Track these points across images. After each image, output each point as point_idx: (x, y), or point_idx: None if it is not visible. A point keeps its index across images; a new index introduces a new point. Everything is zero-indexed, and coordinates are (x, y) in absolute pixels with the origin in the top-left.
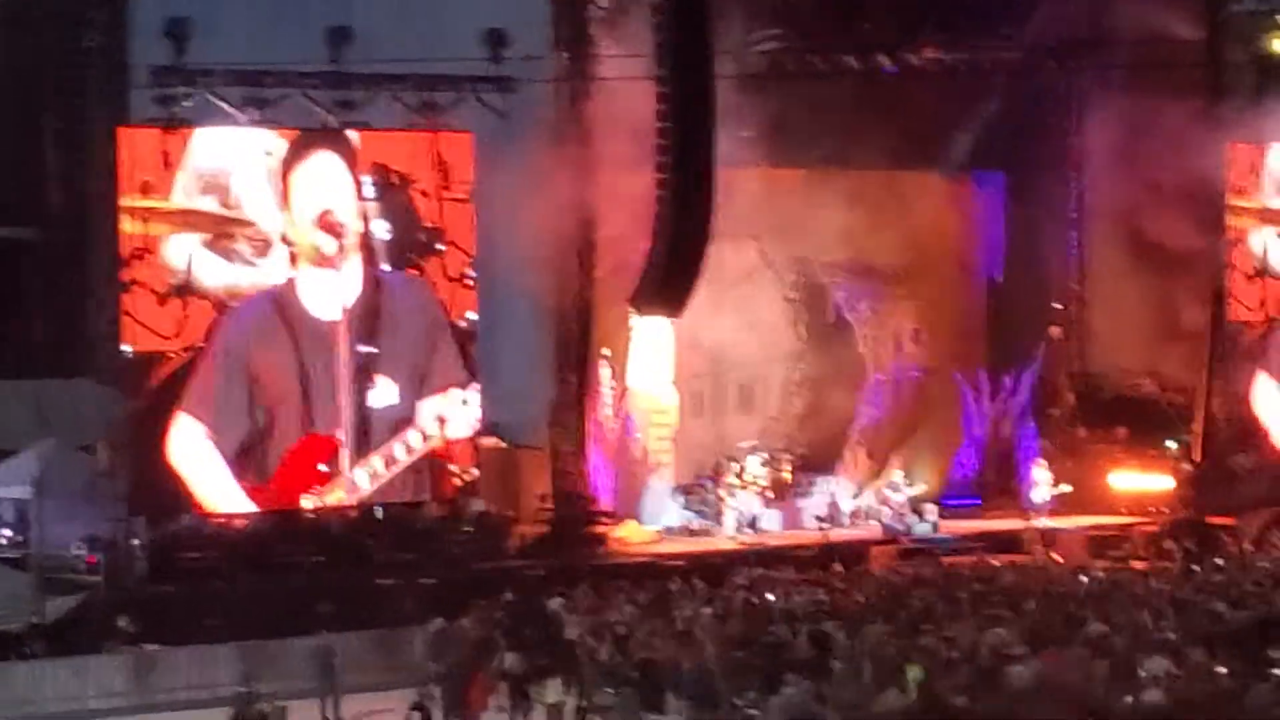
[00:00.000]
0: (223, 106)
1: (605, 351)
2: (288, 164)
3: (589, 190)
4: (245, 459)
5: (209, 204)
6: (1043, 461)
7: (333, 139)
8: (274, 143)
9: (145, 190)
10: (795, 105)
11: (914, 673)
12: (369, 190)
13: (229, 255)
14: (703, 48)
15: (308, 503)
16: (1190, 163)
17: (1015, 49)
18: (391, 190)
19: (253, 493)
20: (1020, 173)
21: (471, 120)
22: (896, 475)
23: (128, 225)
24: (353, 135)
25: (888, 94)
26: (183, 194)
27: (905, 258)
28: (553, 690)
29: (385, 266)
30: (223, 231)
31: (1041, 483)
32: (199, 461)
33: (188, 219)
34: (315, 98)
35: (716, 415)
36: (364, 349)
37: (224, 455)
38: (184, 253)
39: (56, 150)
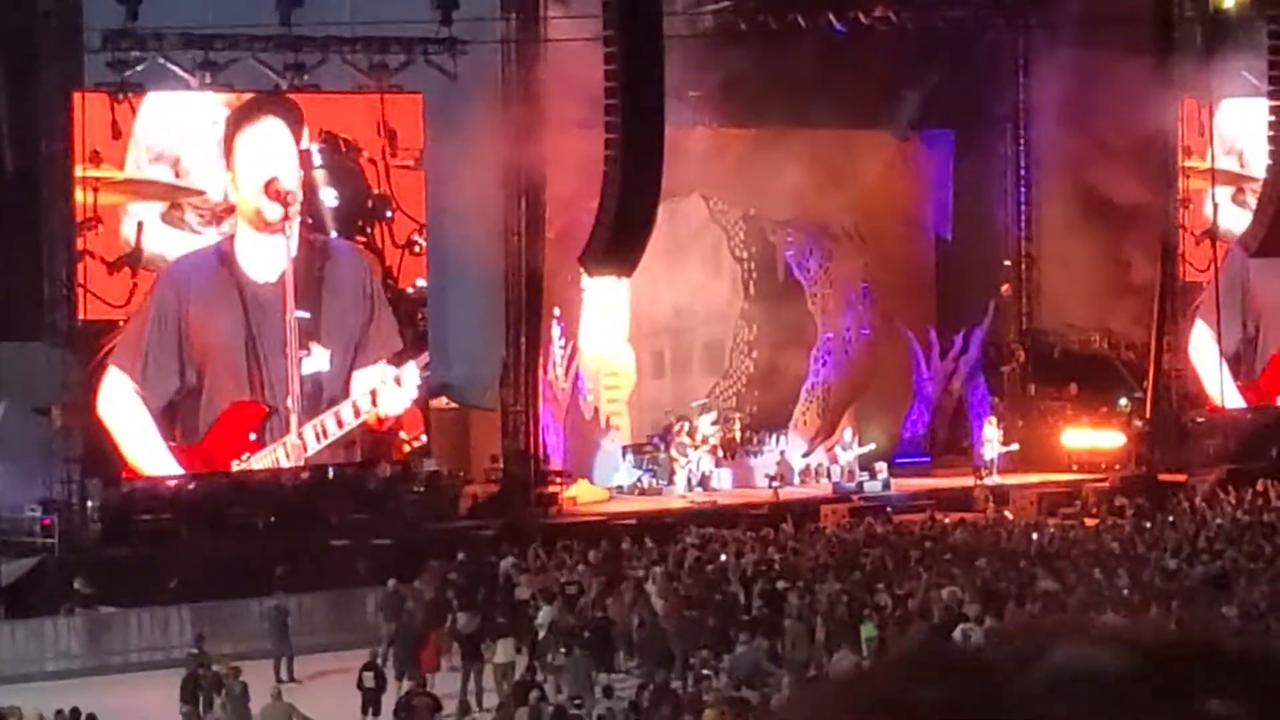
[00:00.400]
0: (174, 70)
1: (556, 311)
2: (232, 129)
3: (539, 151)
4: (173, 417)
5: (160, 173)
6: (993, 419)
7: (280, 104)
8: (222, 111)
9: (96, 160)
10: (744, 65)
11: (867, 631)
12: (316, 157)
13: (179, 224)
14: (651, 8)
15: (257, 464)
16: (1139, 119)
17: (964, 7)
18: (339, 156)
19: (180, 453)
20: (969, 131)
21: (421, 83)
22: (847, 434)
23: (80, 195)
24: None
25: (837, 53)
26: (134, 164)
27: (855, 216)
28: (504, 650)
29: (332, 233)
30: (174, 201)
31: (992, 440)
32: (126, 416)
33: (139, 189)
34: (266, 60)
35: (667, 374)
36: (300, 314)
37: (150, 411)
38: (134, 222)
39: (9, 114)
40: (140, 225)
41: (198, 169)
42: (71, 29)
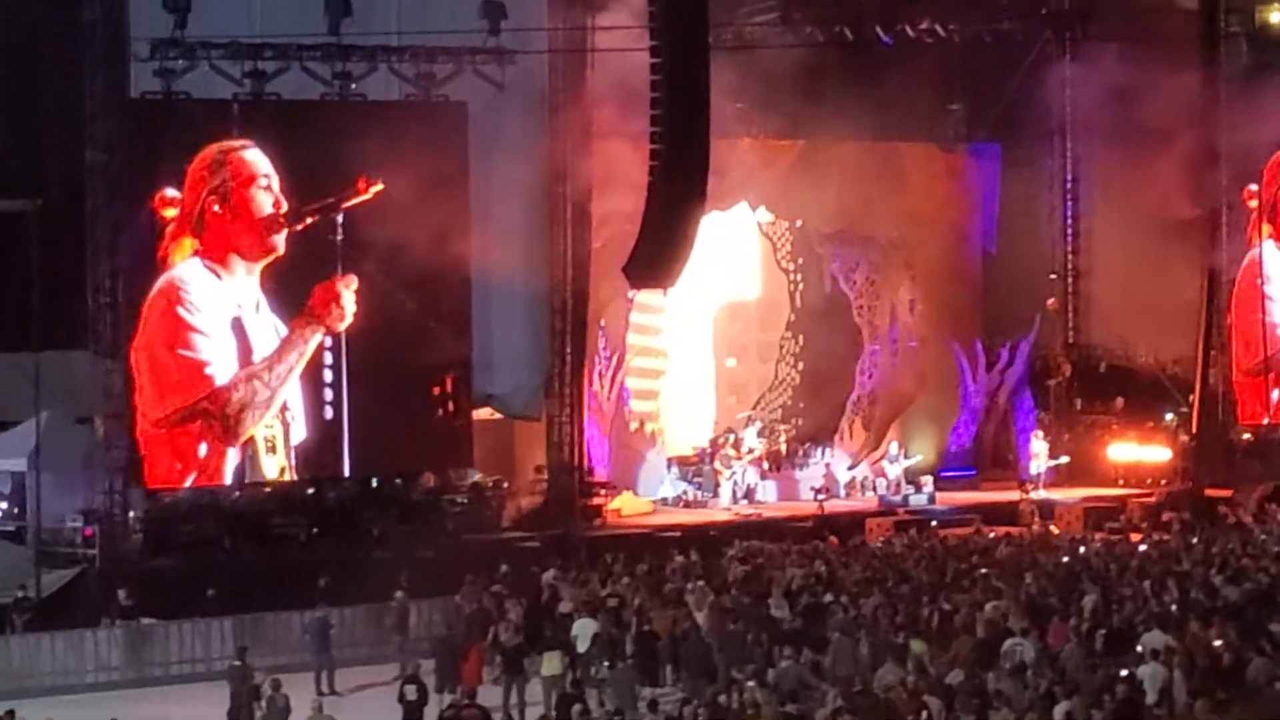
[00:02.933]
0: (221, 79)
1: (601, 323)
2: None
3: (585, 161)
4: None
5: None
6: (1039, 433)
7: None
8: None
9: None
10: (791, 77)
11: (916, 647)
12: None
13: None
14: (698, 19)
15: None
16: (1186, 133)
17: (1011, 20)
18: None
19: None
20: (1016, 144)
21: (468, 92)
22: (893, 447)
23: None
24: None
25: (883, 65)
26: None
27: (901, 228)
28: (549, 663)
29: None
30: None
31: (1038, 454)
32: None
33: None
34: (313, 69)
35: (714, 387)
36: None
37: None
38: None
39: (56, 123)
40: None
41: None
42: (118, 38)
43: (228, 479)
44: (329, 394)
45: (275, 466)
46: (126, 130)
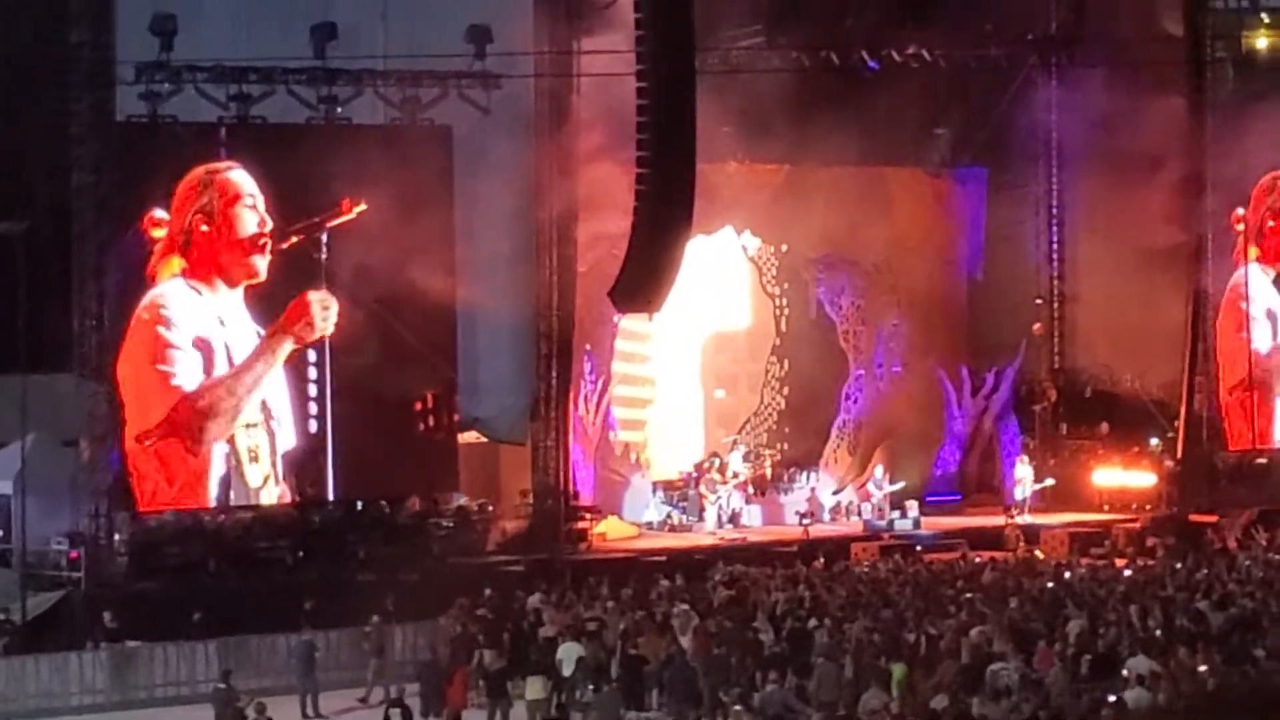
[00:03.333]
0: (207, 103)
1: (586, 347)
2: None
3: (571, 185)
4: None
5: None
6: (1024, 458)
7: None
8: None
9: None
10: (777, 101)
11: (897, 672)
12: None
13: None
14: (685, 43)
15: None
16: (1171, 159)
17: (997, 46)
18: None
19: None
20: (1002, 169)
21: (453, 116)
22: (878, 471)
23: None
24: None
25: (870, 90)
26: None
27: (887, 253)
28: (533, 687)
29: None
30: None
31: (1023, 479)
32: None
33: None
34: (299, 93)
35: (693, 395)
36: None
37: None
38: None
39: (42, 144)
40: None
41: None
42: (105, 61)
43: (213, 489)
44: (314, 408)
45: (259, 475)
46: (113, 153)
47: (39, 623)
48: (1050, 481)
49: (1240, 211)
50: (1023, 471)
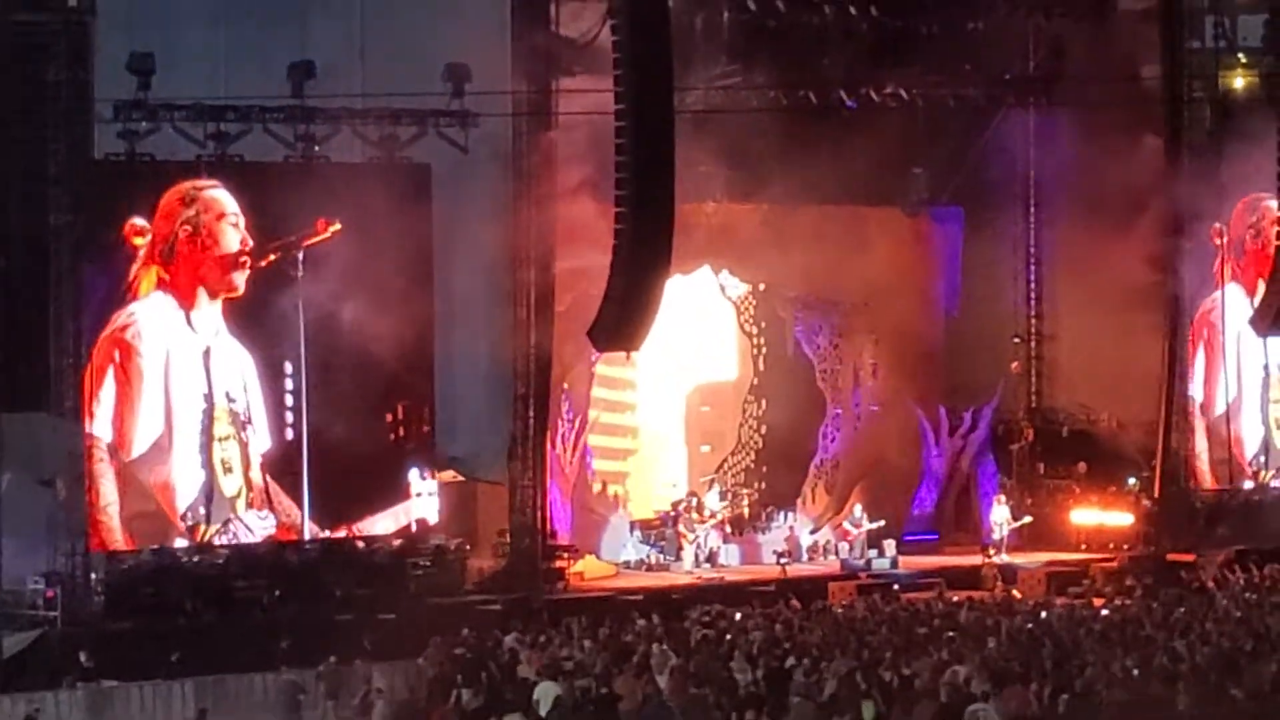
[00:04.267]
0: (185, 142)
1: (564, 386)
2: None
3: (549, 224)
4: None
5: None
6: (1001, 497)
7: None
8: None
9: None
10: (755, 140)
11: (868, 711)
12: None
13: None
14: (663, 81)
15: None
16: (1149, 198)
17: (974, 85)
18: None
19: None
20: (979, 207)
21: (432, 155)
22: (856, 510)
23: None
24: None
25: (847, 129)
26: None
27: (864, 292)
28: None
29: None
30: None
31: (1000, 522)
32: None
33: None
34: (276, 132)
35: (676, 449)
36: None
37: None
38: None
39: (19, 184)
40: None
41: None
42: (82, 99)
43: (184, 504)
44: (290, 416)
45: (234, 486)
46: (90, 192)
47: (15, 662)
48: (1028, 519)
49: (1218, 225)
50: (999, 513)
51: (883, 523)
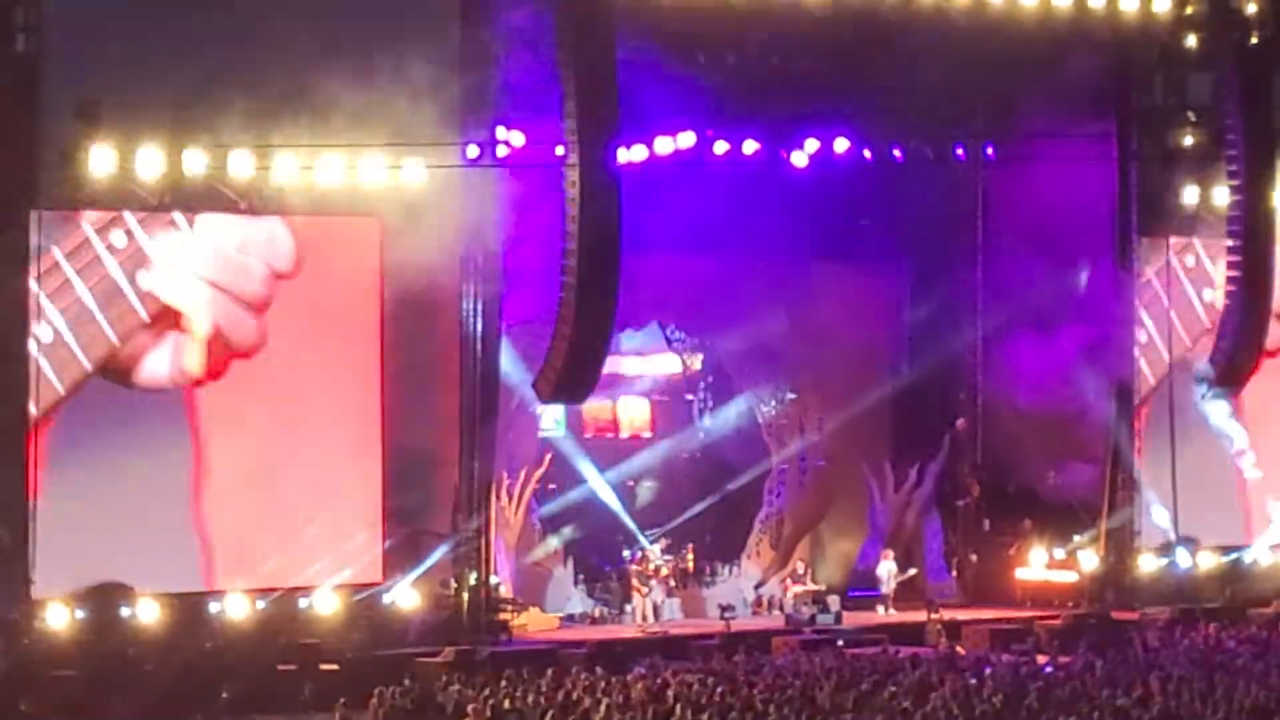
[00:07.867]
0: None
1: (509, 437)
2: None
3: (495, 278)
4: None
5: None
6: (888, 552)
7: None
8: None
9: None
10: (704, 193)
11: None
12: None
13: None
14: (612, 136)
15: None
16: (1099, 253)
17: (923, 139)
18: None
19: None
20: (927, 262)
21: (383, 206)
22: (799, 565)
23: None
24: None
25: (795, 183)
26: None
27: (810, 347)
28: None
29: None
30: None
31: (885, 574)
32: None
33: None
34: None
35: (620, 502)
36: None
37: None
38: None
39: None
40: None
41: None
42: (29, 144)
43: None
44: None
45: None
46: None
47: None
48: (913, 571)
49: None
50: (885, 567)
51: (827, 580)
